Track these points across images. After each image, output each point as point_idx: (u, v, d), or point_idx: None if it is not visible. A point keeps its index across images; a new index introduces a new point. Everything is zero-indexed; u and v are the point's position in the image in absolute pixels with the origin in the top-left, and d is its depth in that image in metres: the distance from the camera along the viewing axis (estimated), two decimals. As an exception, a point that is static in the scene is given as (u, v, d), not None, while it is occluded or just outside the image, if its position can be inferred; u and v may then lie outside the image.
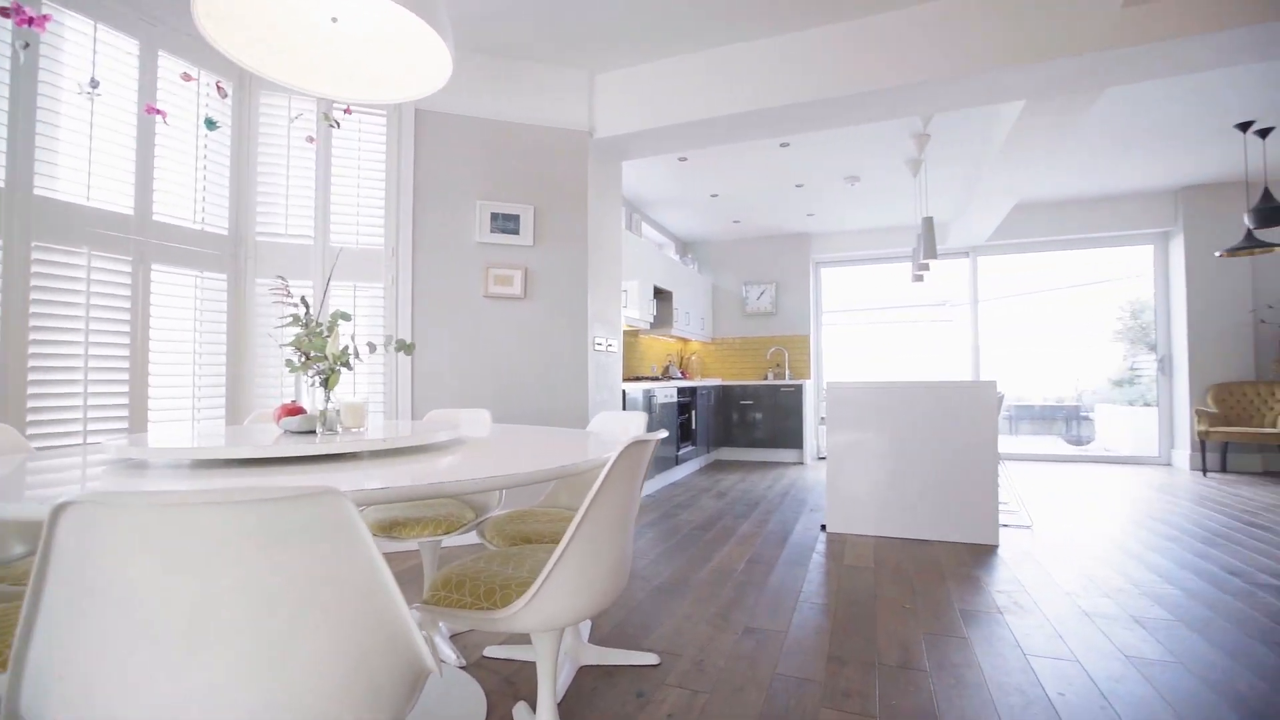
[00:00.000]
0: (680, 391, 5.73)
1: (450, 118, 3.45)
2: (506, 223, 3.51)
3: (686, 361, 7.77)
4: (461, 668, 1.93)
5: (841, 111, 3.40)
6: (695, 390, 6.13)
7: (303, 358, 1.47)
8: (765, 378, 7.43)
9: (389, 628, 0.84)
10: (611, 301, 4.06)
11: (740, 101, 3.40)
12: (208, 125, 2.39)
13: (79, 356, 2.39)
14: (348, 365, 1.52)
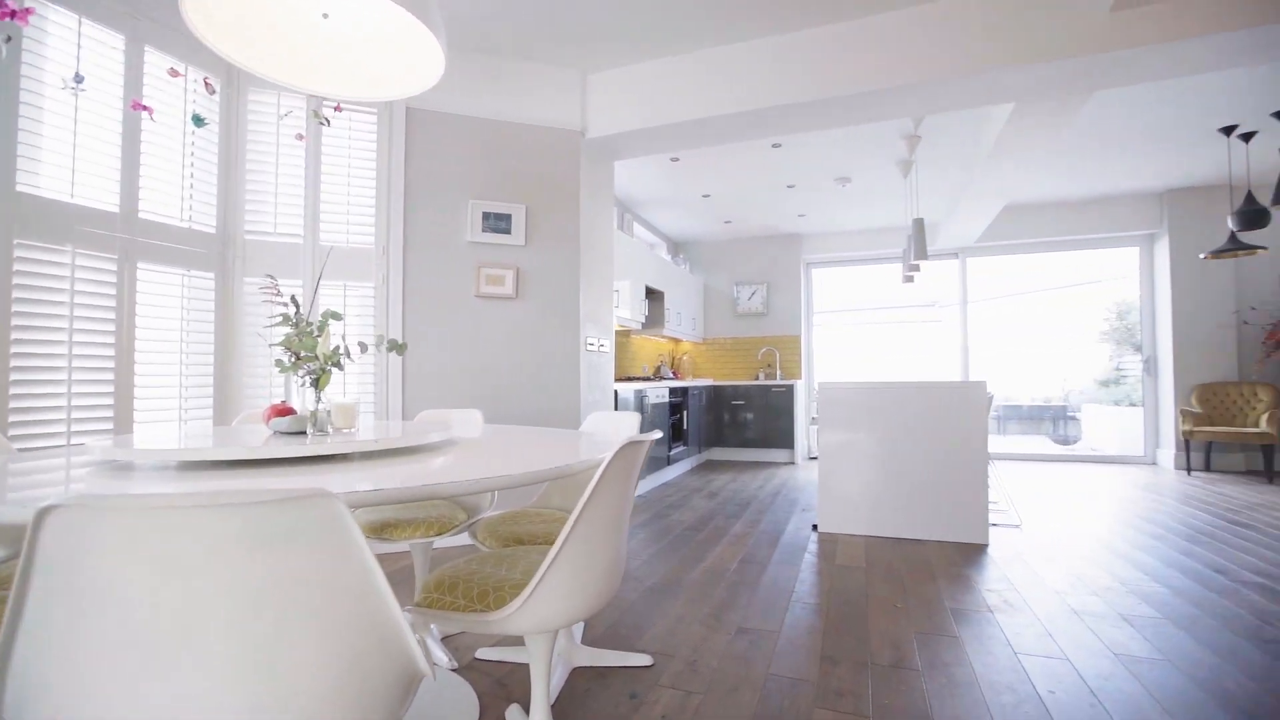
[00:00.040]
0: (672, 392, 5.73)
1: (442, 116, 3.42)
2: (498, 222, 3.49)
3: (678, 362, 7.78)
4: (453, 670, 1.91)
5: (833, 112, 3.41)
6: (687, 390, 6.13)
7: (293, 357, 1.45)
8: (756, 378, 7.45)
9: (381, 631, 0.83)
10: (603, 301, 4.05)
11: (733, 102, 3.40)
12: (195, 122, 2.36)
13: (63, 356, 2.35)
14: (339, 365, 1.51)
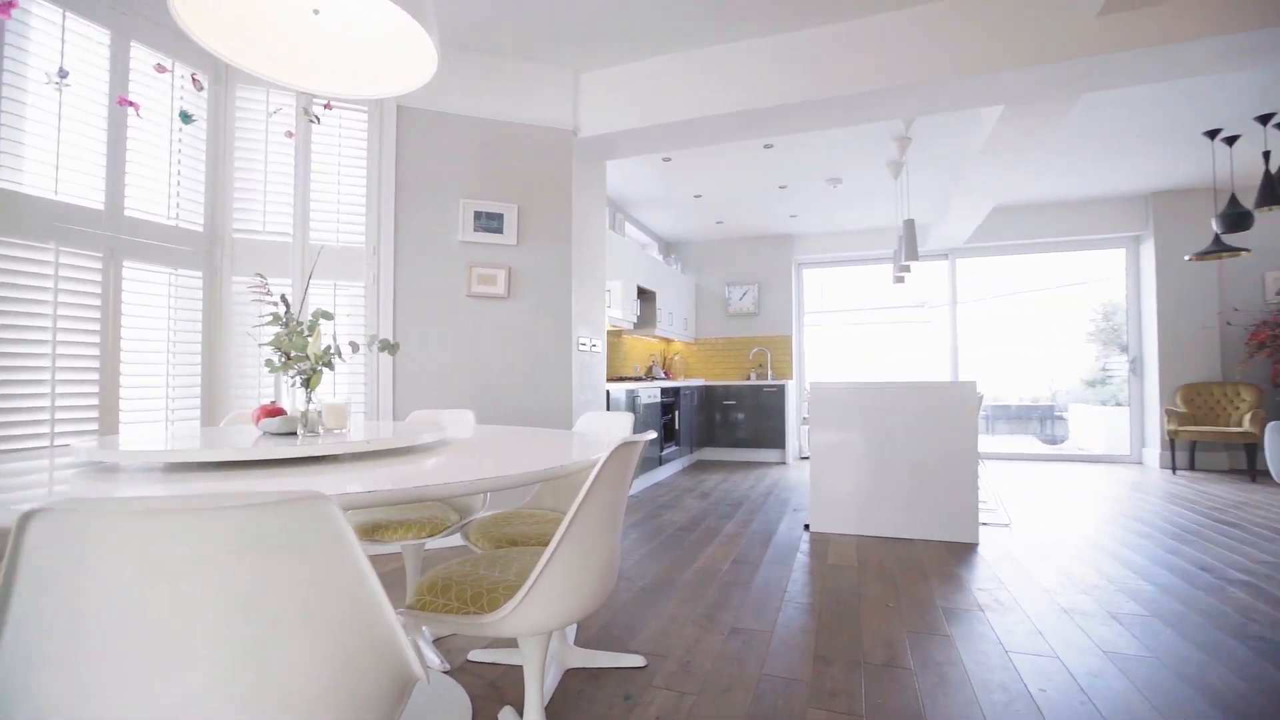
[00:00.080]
0: (664, 392, 5.73)
1: (433, 114, 3.40)
2: (490, 221, 3.47)
3: (670, 362, 7.78)
4: (445, 672, 1.90)
5: (826, 113, 3.42)
6: (678, 390, 6.13)
7: (283, 357, 1.43)
8: (748, 378, 7.46)
9: (375, 635, 0.82)
10: (595, 301, 4.04)
11: (725, 102, 3.40)
12: (183, 118, 2.33)
13: (46, 356, 2.31)
14: (330, 365, 1.49)
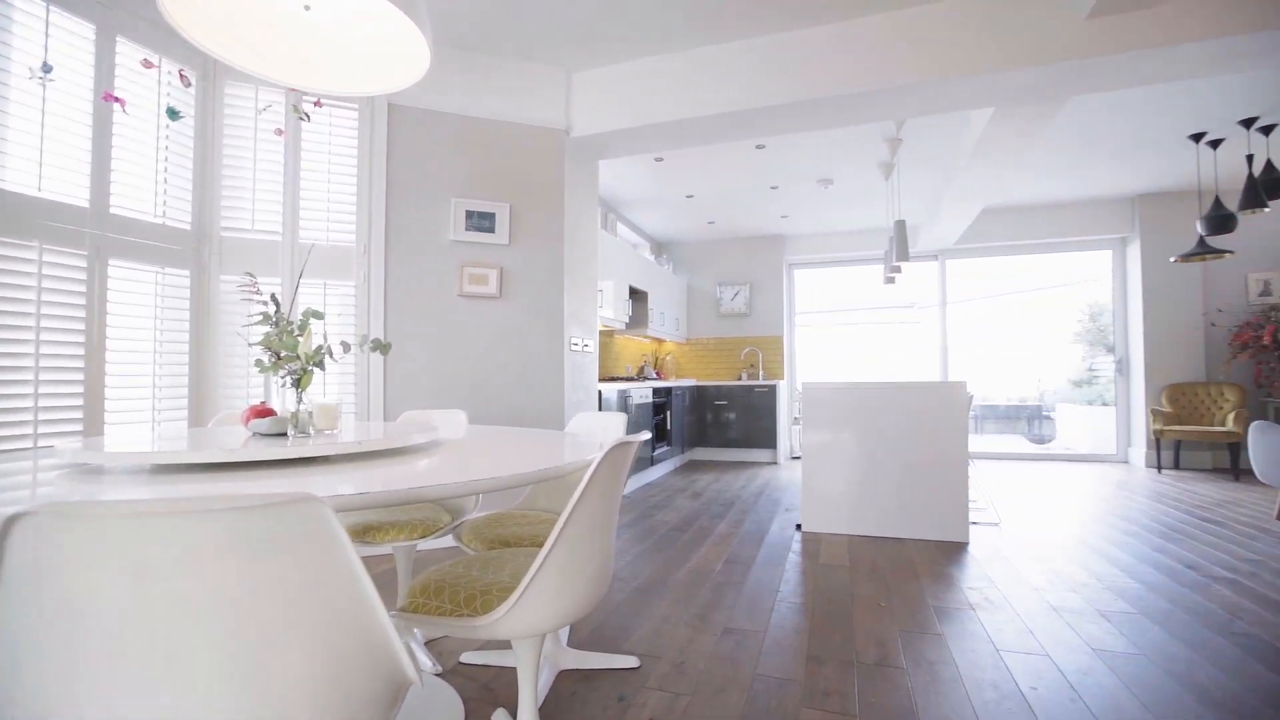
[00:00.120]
0: (655, 392, 5.73)
1: (424, 113, 3.38)
2: (482, 221, 3.46)
3: (661, 362, 7.78)
4: (438, 675, 1.88)
5: (817, 114, 3.43)
6: (670, 390, 6.13)
7: (274, 357, 1.41)
8: (739, 378, 7.47)
9: (369, 639, 0.81)
10: (587, 301, 4.03)
11: (718, 102, 3.40)
12: (170, 115, 2.30)
13: (29, 355, 2.27)
14: (321, 365, 1.47)
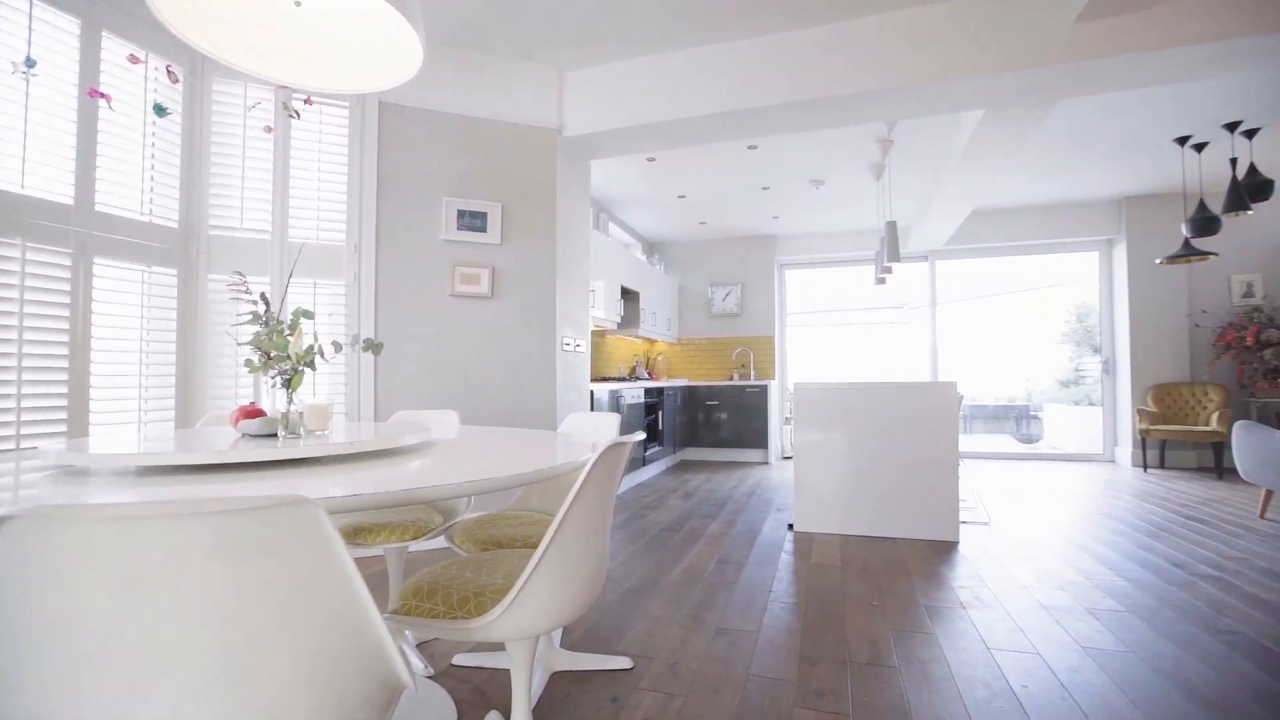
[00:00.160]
0: (647, 392, 5.73)
1: (416, 111, 3.36)
2: (473, 220, 3.44)
3: (653, 362, 7.78)
4: (429, 677, 1.87)
5: (810, 115, 3.44)
6: (662, 391, 6.13)
7: (264, 357, 1.40)
8: (731, 378, 7.49)
9: (362, 644, 0.80)
10: (580, 301, 4.02)
11: (710, 103, 3.41)
12: (157, 111, 2.27)
13: (12, 355, 2.23)
14: (311, 365, 1.46)
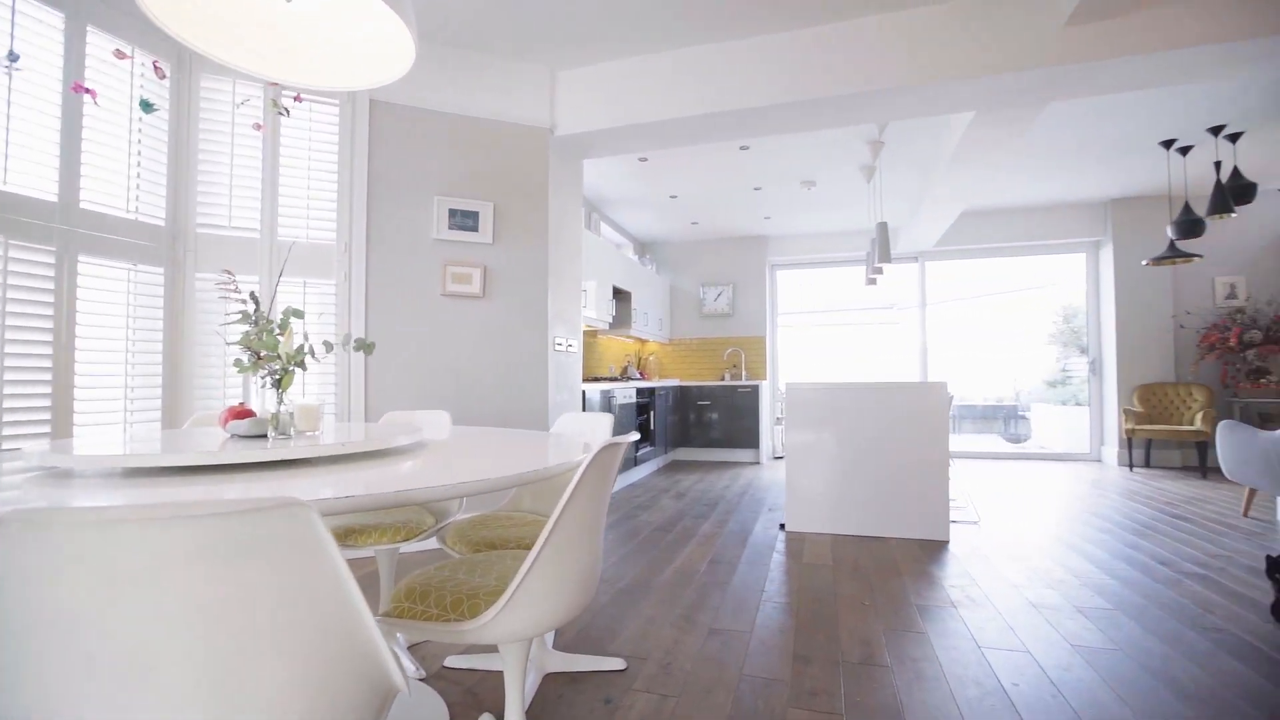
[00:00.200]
0: (639, 392, 5.72)
1: (407, 109, 3.33)
2: (465, 219, 3.42)
3: (644, 362, 7.77)
4: (421, 680, 1.86)
5: (803, 116, 3.45)
6: (653, 391, 6.13)
7: (254, 357, 1.38)
8: (722, 378, 7.50)
9: (355, 647, 0.79)
10: (572, 301, 4.01)
11: (702, 103, 3.41)
12: (143, 107, 2.23)
13: (-7, 355, 2.20)
14: (302, 365, 1.44)
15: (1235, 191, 4.45)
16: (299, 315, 1.51)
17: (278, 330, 1.41)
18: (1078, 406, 7.34)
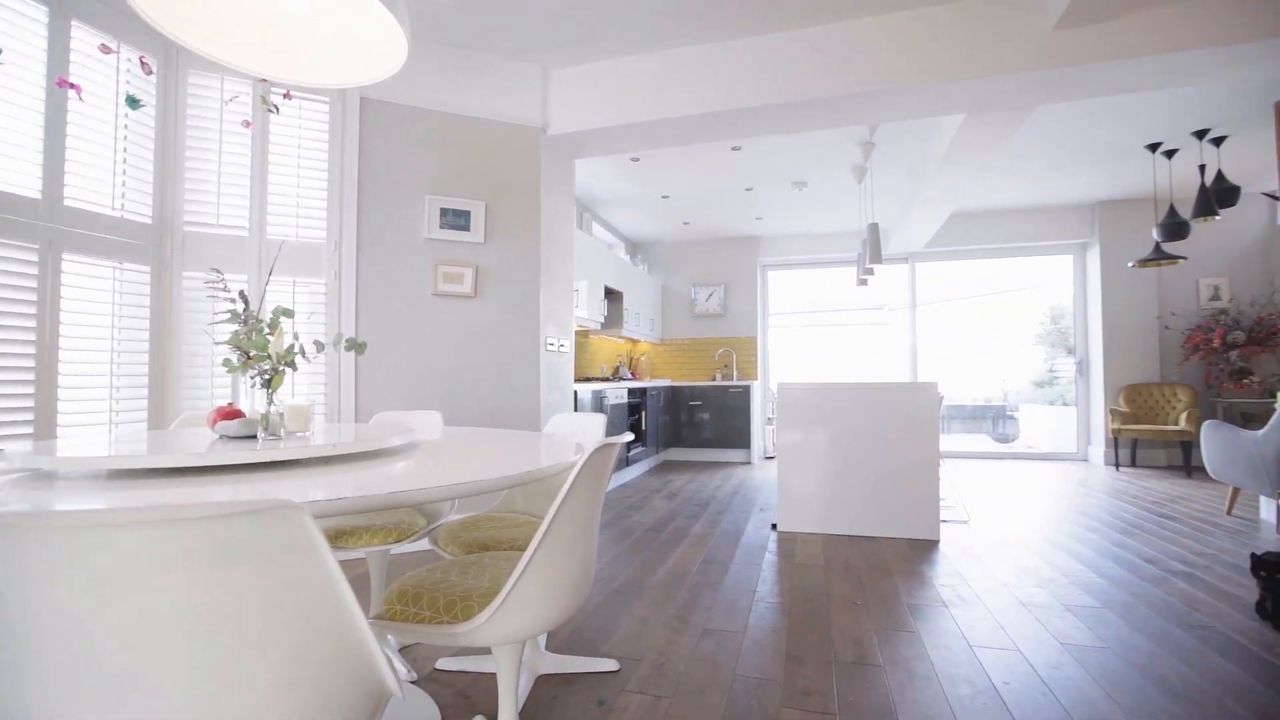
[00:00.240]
0: (630, 392, 5.72)
1: (398, 107, 3.31)
2: (457, 219, 3.40)
3: (636, 362, 7.77)
4: (413, 682, 1.84)
5: (794, 116, 3.46)
6: (645, 391, 6.13)
7: (243, 357, 1.36)
8: (713, 378, 7.51)
9: (348, 652, 0.78)
10: (563, 301, 4.00)
11: (696, 103, 3.41)
12: (129, 103, 2.20)
13: (-26, 354, 2.16)
14: (293, 365, 1.42)
15: (1219, 195, 4.51)
16: (289, 314, 1.49)
17: (267, 330, 1.39)
18: (1065, 406, 7.42)
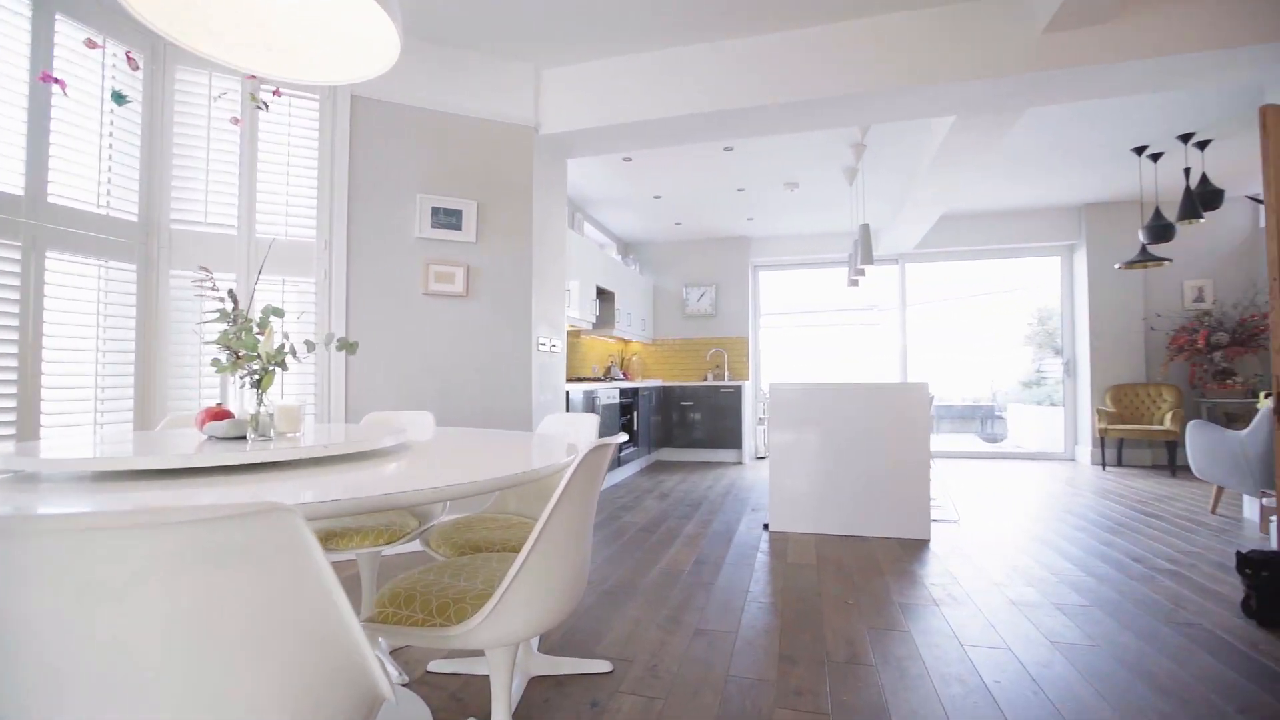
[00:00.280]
0: (622, 393, 5.71)
1: (389, 106, 3.29)
2: (448, 218, 3.38)
3: (628, 362, 7.76)
4: (405, 685, 1.83)
5: (786, 117, 3.47)
6: (637, 391, 6.12)
7: (232, 356, 1.34)
8: (705, 379, 7.52)
9: (341, 656, 0.77)
10: (555, 301, 3.98)
11: (687, 104, 3.41)
12: (115, 99, 2.17)
13: (-45, 354, 2.12)
14: (283, 365, 1.41)
15: (1204, 197, 4.57)
16: (279, 314, 1.47)
17: (257, 329, 1.37)
18: (1052, 407, 7.50)
